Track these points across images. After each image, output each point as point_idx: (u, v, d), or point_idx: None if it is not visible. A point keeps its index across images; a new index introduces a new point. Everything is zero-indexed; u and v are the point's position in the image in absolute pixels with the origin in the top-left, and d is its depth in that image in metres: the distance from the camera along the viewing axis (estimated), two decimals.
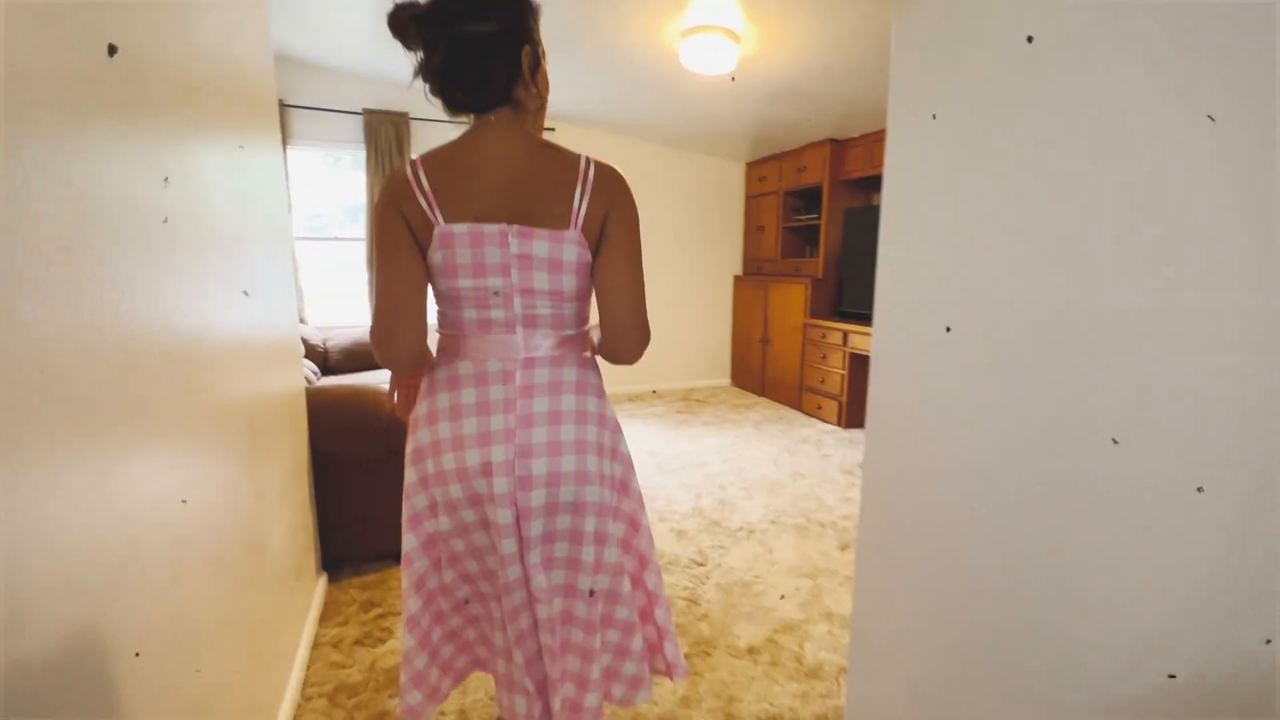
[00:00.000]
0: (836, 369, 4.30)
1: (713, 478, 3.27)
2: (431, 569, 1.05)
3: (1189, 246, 0.68)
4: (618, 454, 1.05)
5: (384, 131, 4.22)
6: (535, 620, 1.00)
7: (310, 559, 1.94)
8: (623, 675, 1.09)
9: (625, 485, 1.07)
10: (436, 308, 0.99)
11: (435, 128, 4.45)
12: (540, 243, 0.89)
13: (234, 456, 1.20)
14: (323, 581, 2.09)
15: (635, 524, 1.11)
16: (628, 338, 0.96)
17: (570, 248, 0.91)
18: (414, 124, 4.38)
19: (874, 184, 4.57)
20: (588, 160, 0.92)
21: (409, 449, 1.01)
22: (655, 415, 4.65)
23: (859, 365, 4.22)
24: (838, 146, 4.46)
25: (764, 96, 3.83)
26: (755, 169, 5.39)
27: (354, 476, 2.17)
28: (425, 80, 0.89)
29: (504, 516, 0.93)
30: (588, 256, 0.93)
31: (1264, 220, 0.63)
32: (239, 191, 1.33)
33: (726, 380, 5.84)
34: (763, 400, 5.18)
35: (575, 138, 4.82)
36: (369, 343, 4.30)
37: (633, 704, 1.12)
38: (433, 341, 1.00)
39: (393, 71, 4.13)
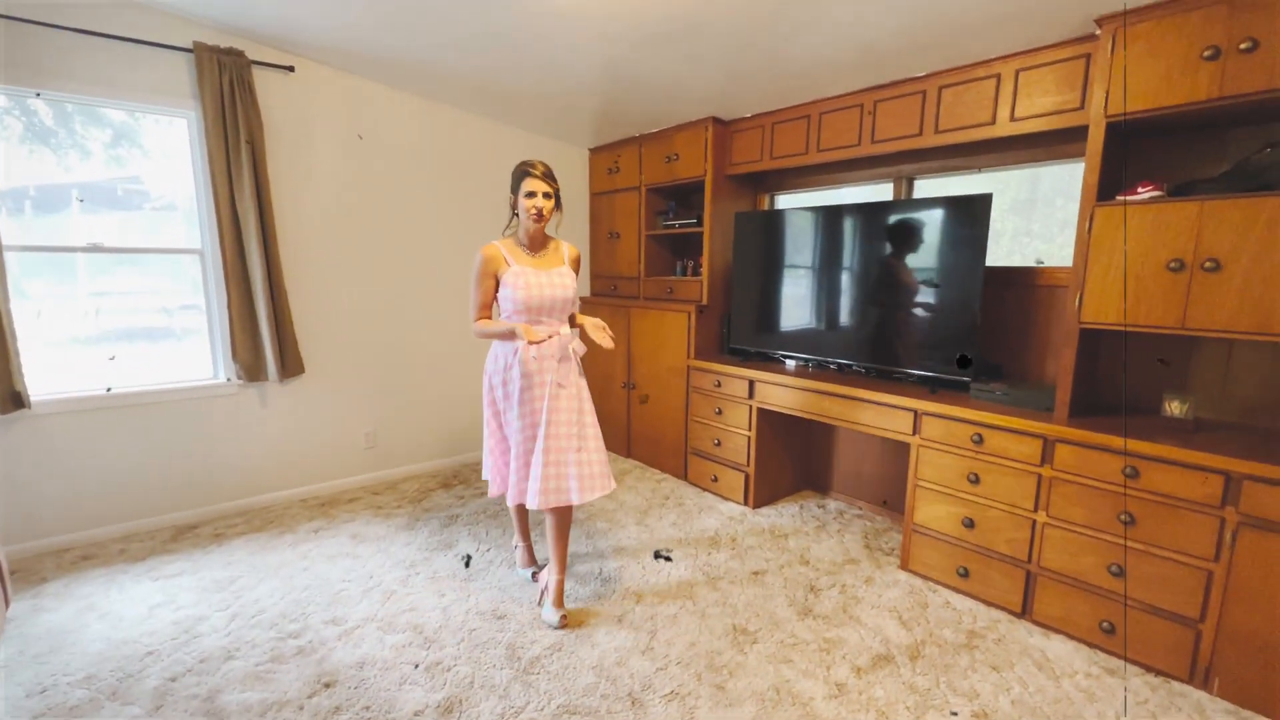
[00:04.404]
0: (739, 429, 3.18)
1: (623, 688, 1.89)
2: None
3: None
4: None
5: None
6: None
7: None
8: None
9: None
10: None
11: (55, 37, 2.39)
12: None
13: None
14: None
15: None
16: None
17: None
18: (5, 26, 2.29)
19: (768, 180, 3.54)
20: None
21: None
22: (478, 512, 3.10)
23: (772, 426, 3.16)
24: (722, 129, 3.35)
25: (637, 38, 2.54)
26: (604, 156, 4.09)
27: None
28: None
29: None
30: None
31: None
32: None
33: None
34: (632, 464, 3.91)
35: (350, 93, 3.09)
36: None
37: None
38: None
39: None
